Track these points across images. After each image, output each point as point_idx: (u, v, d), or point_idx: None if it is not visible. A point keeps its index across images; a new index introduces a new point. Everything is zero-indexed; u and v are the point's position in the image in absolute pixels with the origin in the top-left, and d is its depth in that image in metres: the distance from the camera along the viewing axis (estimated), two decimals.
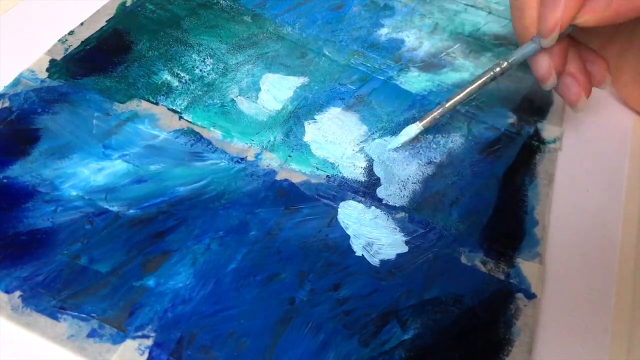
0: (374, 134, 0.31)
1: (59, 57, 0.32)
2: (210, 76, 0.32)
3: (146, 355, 0.22)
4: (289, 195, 0.27)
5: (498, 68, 0.28)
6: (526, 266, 0.26)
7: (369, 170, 0.29)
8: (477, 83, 0.28)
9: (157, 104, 0.30)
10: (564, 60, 0.28)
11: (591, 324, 0.25)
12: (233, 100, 0.31)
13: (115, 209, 0.26)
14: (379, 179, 0.29)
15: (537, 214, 0.28)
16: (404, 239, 0.26)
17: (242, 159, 0.29)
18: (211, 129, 0.30)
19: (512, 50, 0.29)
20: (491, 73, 0.28)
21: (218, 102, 0.31)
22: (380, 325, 0.24)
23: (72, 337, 0.22)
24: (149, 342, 0.22)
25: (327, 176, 0.28)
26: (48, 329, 0.22)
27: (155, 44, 0.34)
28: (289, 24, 0.36)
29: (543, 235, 0.27)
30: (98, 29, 0.34)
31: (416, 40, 0.37)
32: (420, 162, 0.30)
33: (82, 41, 0.33)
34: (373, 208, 0.27)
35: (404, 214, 0.27)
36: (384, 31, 0.37)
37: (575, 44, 0.29)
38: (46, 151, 0.27)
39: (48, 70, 0.31)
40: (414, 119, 0.31)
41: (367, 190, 0.28)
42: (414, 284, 0.25)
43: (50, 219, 0.25)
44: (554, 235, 0.28)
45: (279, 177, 0.28)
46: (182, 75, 0.32)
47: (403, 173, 0.29)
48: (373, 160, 0.30)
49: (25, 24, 0.34)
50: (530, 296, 0.25)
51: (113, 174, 0.27)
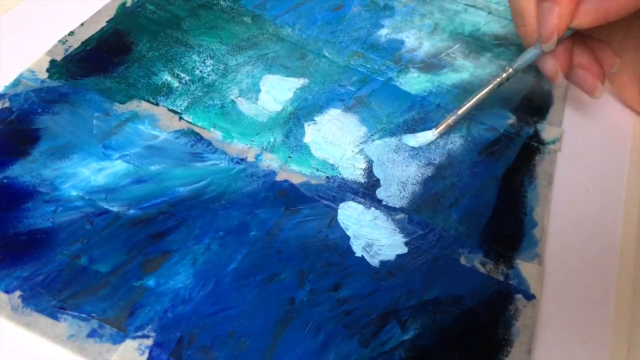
0: (373, 135, 0.31)
1: (59, 58, 0.32)
2: (211, 77, 0.32)
3: (146, 355, 0.22)
4: (289, 196, 0.27)
5: (504, 74, 0.29)
6: (525, 267, 0.26)
7: (369, 172, 0.29)
8: (486, 90, 0.29)
9: (158, 104, 0.30)
10: (569, 59, 0.29)
11: (591, 324, 0.25)
12: (233, 101, 0.31)
13: (115, 209, 0.26)
14: (378, 180, 0.29)
15: (537, 215, 0.28)
16: (404, 240, 0.27)
17: (242, 160, 0.29)
18: (211, 129, 0.30)
19: (512, 50, 0.30)
20: (498, 79, 0.29)
21: (218, 103, 0.31)
22: (380, 326, 0.24)
23: (72, 337, 0.22)
24: (149, 342, 0.22)
25: (327, 177, 0.28)
26: (48, 329, 0.22)
27: (156, 44, 0.34)
28: (289, 25, 0.36)
29: (542, 236, 0.27)
30: (98, 29, 0.34)
31: (416, 40, 0.37)
32: (420, 163, 0.30)
33: (83, 42, 0.33)
34: (373, 209, 0.28)
35: (403, 215, 0.27)
36: (383, 32, 0.37)
37: (580, 37, 0.30)
38: (46, 151, 0.27)
39: (48, 70, 0.31)
40: (414, 120, 0.32)
41: (367, 191, 0.28)
42: (413, 284, 0.25)
43: (50, 219, 0.25)
44: (553, 236, 0.28)
45: (279, 178, 0.28)
46: (183, 76, 0.32)
47: (403, 174, 0.29)
48: (373, 161, 0.30)
49: (25, 24, 0.34)
50: (530, 297, 0.25)
51: (113, 174, 0.27)
